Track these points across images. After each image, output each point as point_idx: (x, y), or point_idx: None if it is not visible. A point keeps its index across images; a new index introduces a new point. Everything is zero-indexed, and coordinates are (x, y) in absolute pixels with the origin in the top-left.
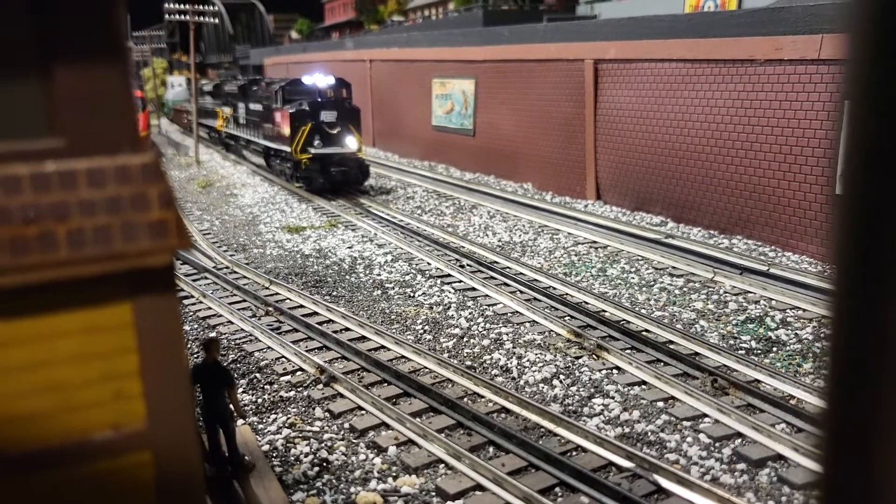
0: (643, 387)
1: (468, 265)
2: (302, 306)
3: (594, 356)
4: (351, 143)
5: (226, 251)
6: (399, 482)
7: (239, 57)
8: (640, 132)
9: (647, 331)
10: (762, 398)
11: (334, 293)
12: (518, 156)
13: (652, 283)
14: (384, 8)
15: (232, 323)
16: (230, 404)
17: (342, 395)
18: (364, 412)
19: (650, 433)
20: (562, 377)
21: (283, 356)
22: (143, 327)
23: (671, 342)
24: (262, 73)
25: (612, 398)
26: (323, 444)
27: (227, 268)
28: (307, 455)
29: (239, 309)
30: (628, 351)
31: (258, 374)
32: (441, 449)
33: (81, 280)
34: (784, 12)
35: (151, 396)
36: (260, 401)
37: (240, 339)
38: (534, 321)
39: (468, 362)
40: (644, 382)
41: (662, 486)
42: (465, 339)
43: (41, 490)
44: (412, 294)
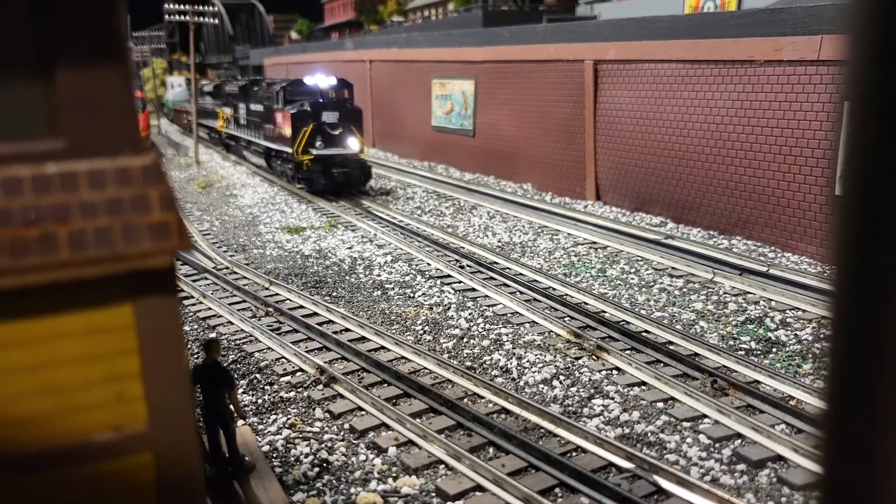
0: (643, 387)
1: (468, 266)
2: (302, 307)
3: (594, 357)
4: (353, 144)
5: (226, 251)
6: (399, 483)
7: (238, 57)
8: (639, 133)
9: (647, 331)
10: (762, 399)
11: (334, 294)
12: (518, 156)
13: (651, 283)
14: (384, 8)
15: (232, 323)
16: (230, 405)
17: (342, 396)
18: (364, 413)
19: (650, 434)
20: (561, 378)
21: (283, 357)
22: (144, 329)
23: (671, 343)
24: (262, 73)
25: (612, 399)
26: (323, 445)
27: (227, 268)
28: (307, 456)
29: (239, 310)
30: (628, 352)
31: (258, 375)
32: (441, 450)
33: (82, 282)
34: (783, 13)
35: (152, 398)
36: (260, 401)
37: (240, 339)
38: (533, 322)
39: (468, 363)
40: (644, 383)
41: (662, 486)
42: (465, 340)
43: (42, 491)
44: (412, 295)
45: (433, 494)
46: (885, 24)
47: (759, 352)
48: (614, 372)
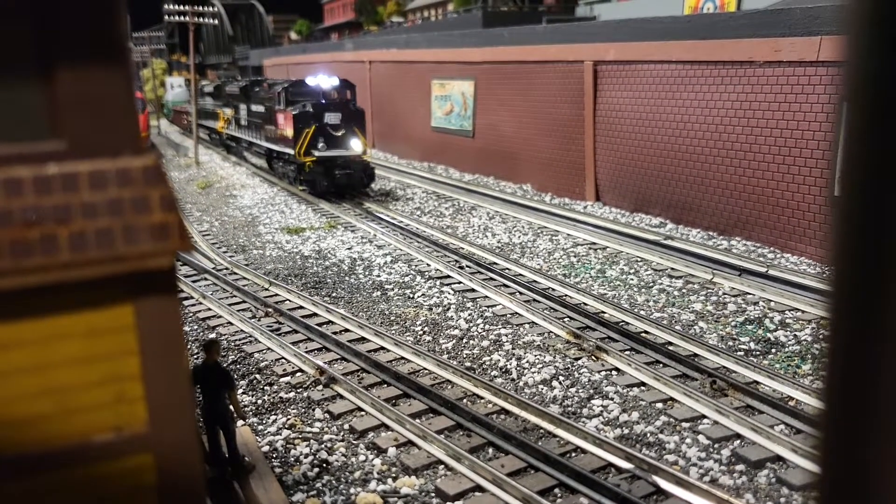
0: (642, 388)
1: (467, 266)
2: (301, 307)
3: (593, 357)
4: (356, 145)
5: (225, 252)
6: (399, 483)
7: (238, 58)
8: (639, 134)
9: (646, 332)
10: (761, 399)
11: (334, 294)
12: (517, 157)
13: (651, 284)
14: (383, 9)
15: (232, 324)
16: (230, 405)
17: (342, 397)
18: (364, 413)
19: (649, 434)
20: (561, 378)
21: (283, 357)
22: (145, 329)
23: (670, 343)
24: (262, 74)
25: (612, 399)
26: (323, 446)
27: (227, 269)
28: (307, 456)
29: (239, 310)
30: (627, 352)
31: (258, 376)
32: (440, 450)
33: (83, 282)
34: (783, 14)
35: (152, 399)
36: (260, 402)
37: (240, 340)
38: (533, 322)
39: (467, 363)
40: (643, 384)
41: (661, 487)
42: (465, 341)
43: (42, 492)
44: (411, 295)
45: (433, 495)
46: (884, 25)
47: (758, 352)
48: (614, 372)
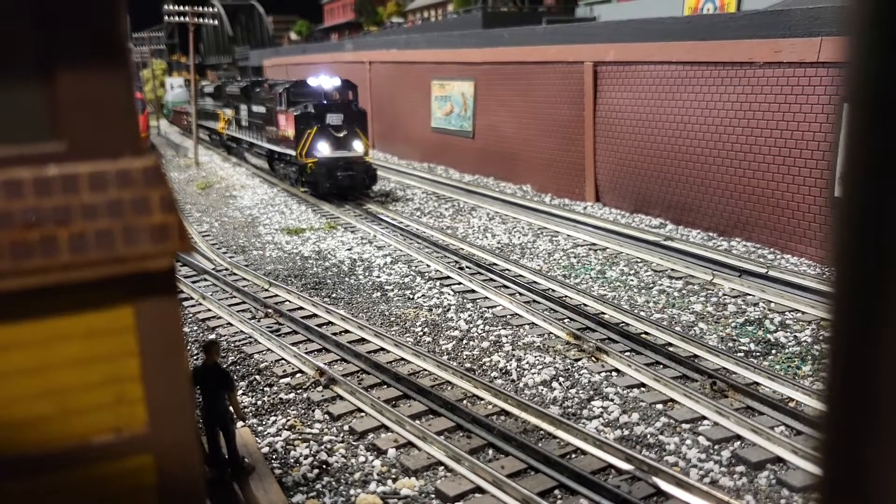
0: (642, 389)
1: (467, 267)
2: (301, 308)
3: (593, 358)
4: (358, 146)
5: (225, 253)
6: (398, 484)
7: (238, 58)
8: (639, 134)
9: (647, 333)
10: (761, 401)
11: (333, 295)
12: (517, 158)
13: (651, 285)
14: (383, 9)
15: (231, 325)
16: (230, 406)
17: (342, 398)
18: (363, 414)
19: (649, 435)
20: (561, 379)
21: (283, 358)
22: (145, 331)
23: (670, 344)
24: (262, 74)
25: (612, 400)
26: (322, 447)
27: (227, 270)
28: (307, 457)
29: (238, 311)
30: (627, 353)
31: (258, 377)
32: (440, 451)
33: (83, 284)
34: (783, 15)
35: (152, 400)
36: (259, 403)
37: (239, 341)
38: (533, 323)
39: (467, 364)
40: (643, 385)
41: (661, 488)
42: (465, 342)
43: (42, 493)
44: (411, 296)
45: (432, 496)
46: (884, 25)
47: (758, 353)
48: (614, 374)
